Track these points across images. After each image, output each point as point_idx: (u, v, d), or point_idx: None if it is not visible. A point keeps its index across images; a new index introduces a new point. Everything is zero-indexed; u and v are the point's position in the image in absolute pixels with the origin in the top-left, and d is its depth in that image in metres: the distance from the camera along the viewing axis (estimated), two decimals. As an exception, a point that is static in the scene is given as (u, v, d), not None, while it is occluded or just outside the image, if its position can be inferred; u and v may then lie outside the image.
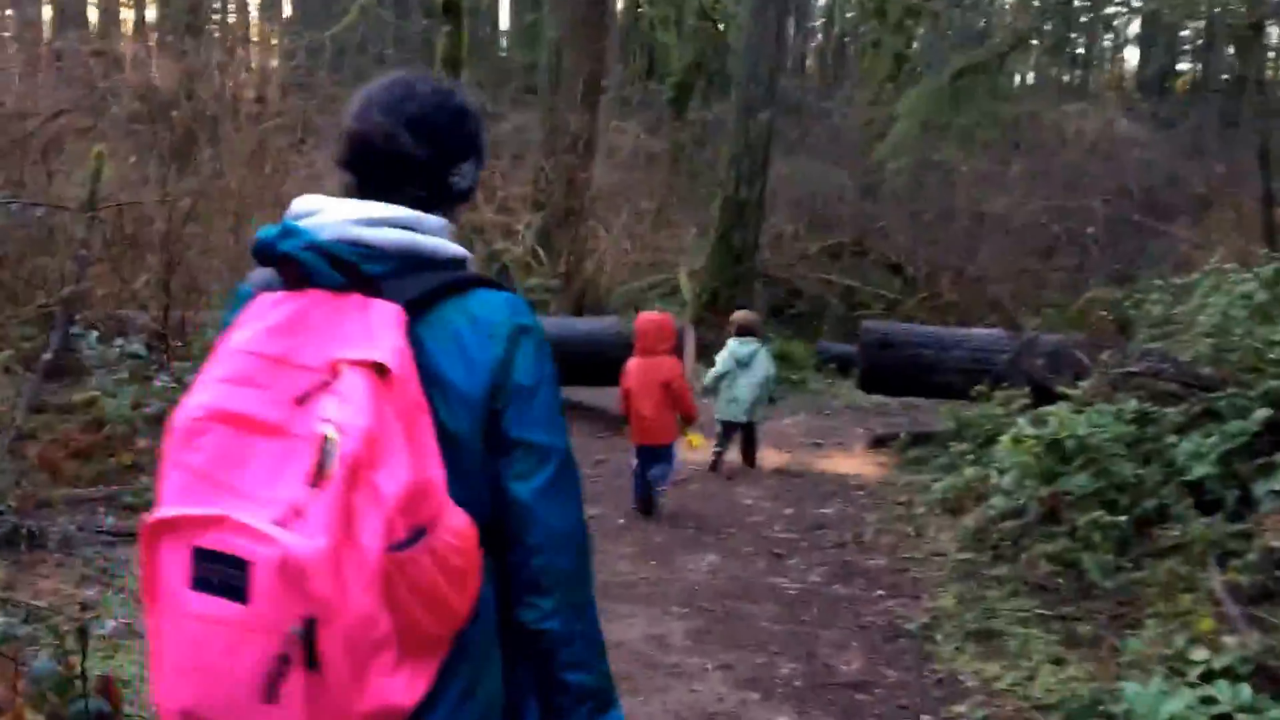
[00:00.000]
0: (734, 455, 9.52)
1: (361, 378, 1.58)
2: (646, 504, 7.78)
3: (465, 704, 1.75)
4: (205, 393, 1.62)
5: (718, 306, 14.50)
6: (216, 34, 21.46)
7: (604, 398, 11.37)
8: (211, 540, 1.51)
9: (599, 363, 10.48)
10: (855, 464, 9.85)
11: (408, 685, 1.59)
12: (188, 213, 9.58)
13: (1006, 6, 28.52)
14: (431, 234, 1.82)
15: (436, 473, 1.63)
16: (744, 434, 9.47)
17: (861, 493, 8.83)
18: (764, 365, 9.31)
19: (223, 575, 1.51)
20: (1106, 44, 37.72)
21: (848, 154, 20.96)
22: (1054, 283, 17.54)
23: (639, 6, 21.46)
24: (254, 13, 28.34)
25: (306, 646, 1.49)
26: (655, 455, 7.68)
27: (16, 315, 8.23)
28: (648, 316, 7.92)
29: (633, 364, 7.68)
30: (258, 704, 1.51)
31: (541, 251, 13.51)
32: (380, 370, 1.59)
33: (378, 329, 1.66)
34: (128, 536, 6.04)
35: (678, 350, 8.22)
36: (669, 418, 7.61)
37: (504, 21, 37.93)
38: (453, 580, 1.63)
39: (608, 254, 13.78)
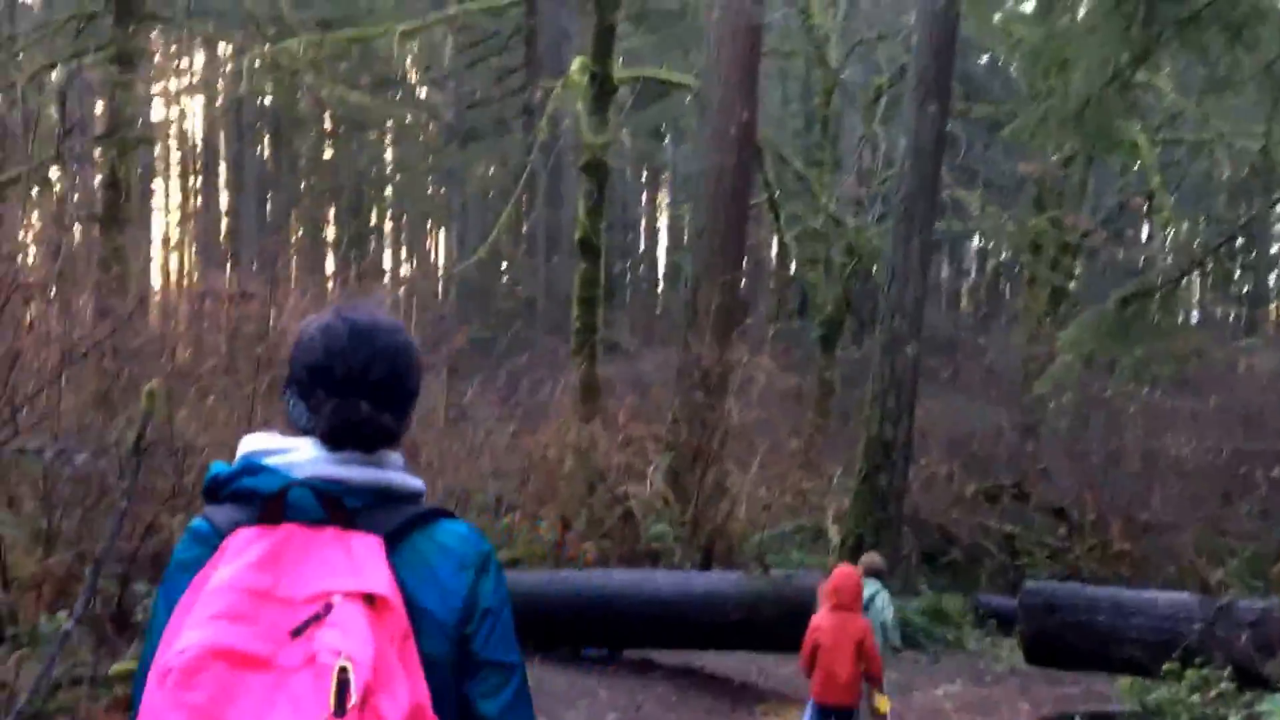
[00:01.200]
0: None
1: (357, 608, 1.66)
2: None
3: None
4: (199, 630, 1.65)
5: (862, 555, 12.95)
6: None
7: (723, 664, 9.87)
8: None
9: (719, 624, 9.08)
10: (1021, 753, 8.13)
11: None
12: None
13: (1166, 244, 27.05)
14: (395, 469, 1.91)
15: (425, 696, 1.71)
16: None
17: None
18: (881, 609, 8.12)
19: None
20: (1274, 281, 35.80)
21: (1004, 392, 19.46)
22: (1238, 532, 15.55)
23: (786, 244, 20.59)
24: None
25: None
26: (842, 716, 7.16)
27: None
28: (845, 571, 7.41)
29: (824, 619, 7.14)
30: None
31: (671, 495, 12.23)
32: (370, 600, 1.68)
33: (363, 560, 1.74)
34: None
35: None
36: (859, 678, 7.10)
37: (660, 262, 37.86)
38: None
39: (742, 498, 12.42)
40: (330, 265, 30.94)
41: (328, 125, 32.25)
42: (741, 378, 12.68)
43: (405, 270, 34.73)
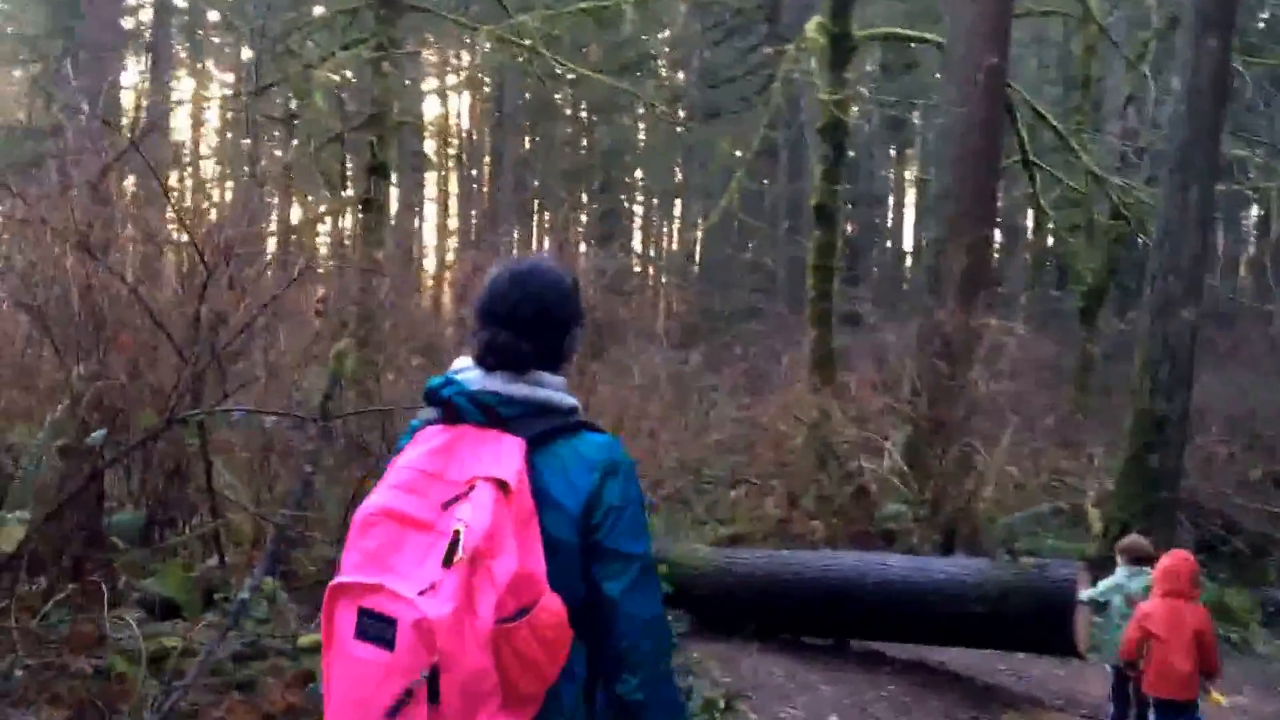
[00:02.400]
0: None
1: (490, 491, 2.10)
2: None
3: None
4: (380, 496, 2.18)
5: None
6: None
7: (964, 660, 8.53)
8: (372, 602, 2.04)
9: (959, 616, 7.77)
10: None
11: None
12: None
13: None
14: (552, 389, 2.34)
15: (539, 566, 2.11)
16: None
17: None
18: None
19: (377, 629, 2.01)
20: None
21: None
22: None
23: (1043, 209, 18.65)
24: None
25: (431, 687, 1.96)
26: (1179, 711, 6.46)
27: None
28: (1182, 555, 6.67)
29: (1156, 607, 6.48)
30: None
31: (909, 472, 10.89)
32: (503, 486, 2.11)
33: (505, 456, 2.17)
34: None
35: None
36: (1196, 671, 6.41)
37: (907, 237, 35.93)
38: (546, 649, 2.08)
39: (989, 476, 10.96)
40: (582, 246, 30.74)
41: (580, 111, 31.99)
42: (989, 346, 11.15)
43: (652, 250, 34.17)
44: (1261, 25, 27.64)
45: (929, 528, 10.12)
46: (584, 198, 32.92)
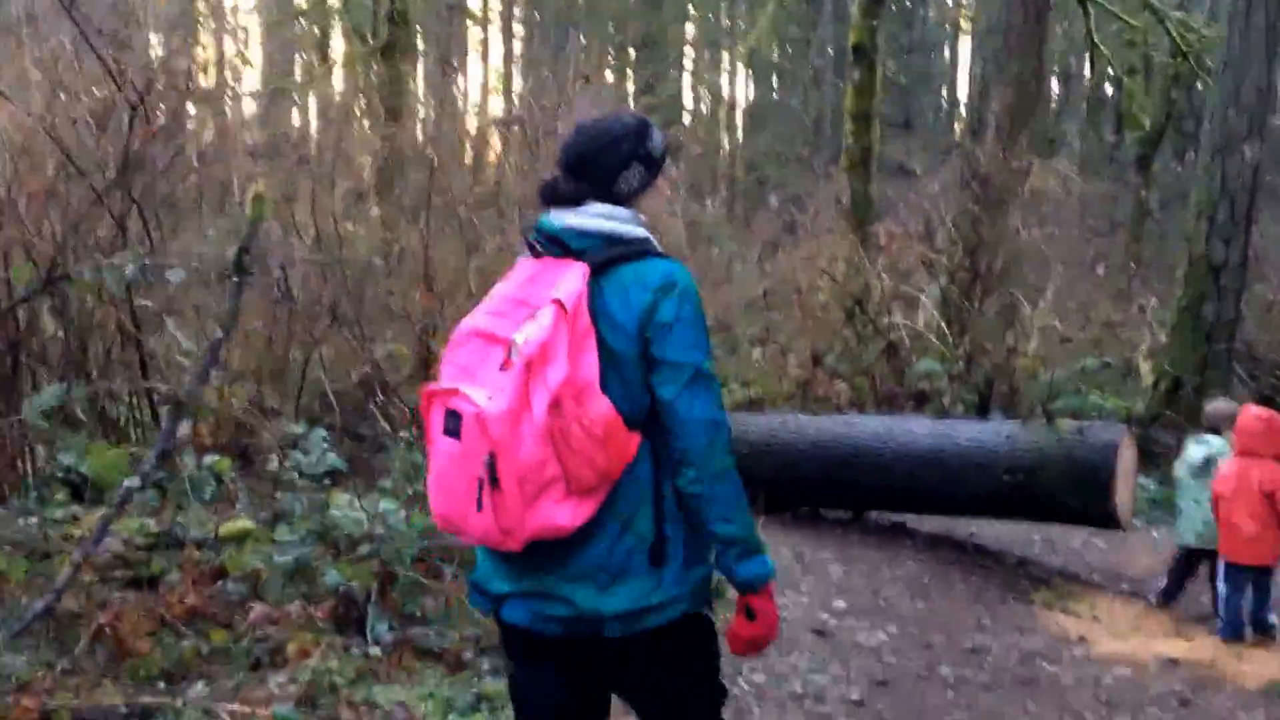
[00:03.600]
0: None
1: (552, 309, 2.33)
2: (1238, 631, 5.95)
3: (621, 536, 2.39)
4: (473, 318, 2.47)
5: (1180, 399, 10.21)
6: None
7: (995, 532, 7.66)
8: (452, 403, 2.33)
9: (987, 486, 6.87)
10: None
11: (571, 513, 2.32)
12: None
13: None
14: (621, 222, 2.52)
15: (591, 374, 2.34)
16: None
17: None
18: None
19: (453, 424, 2.31)
20: None
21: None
22: None
23: (1097, 47, 17.02)
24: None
25: (490, 472, 2.25)
26: (1249, 578, 5.94)
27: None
28: (1255, 412, 6.10)
29: (1228, 465, 6.05)
30: (473, 512, 2.30)
31: (944, 326, 9.85)
32: (562, 305, 2.34)
33: (569, 279, 2.40)
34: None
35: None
36: (1271, 535, 5.88)
37: (962, 77, 33.90)
38: (598, 445, 2.30)
39: (1029, 330, 9.90)
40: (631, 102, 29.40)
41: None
42: (1032, 190, 9.96)
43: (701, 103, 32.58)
44: None
45: (964, 387, 9.11)
46: (630, 51, 31.32)
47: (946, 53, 34.41)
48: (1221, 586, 6.09)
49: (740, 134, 26.92)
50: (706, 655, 2.57)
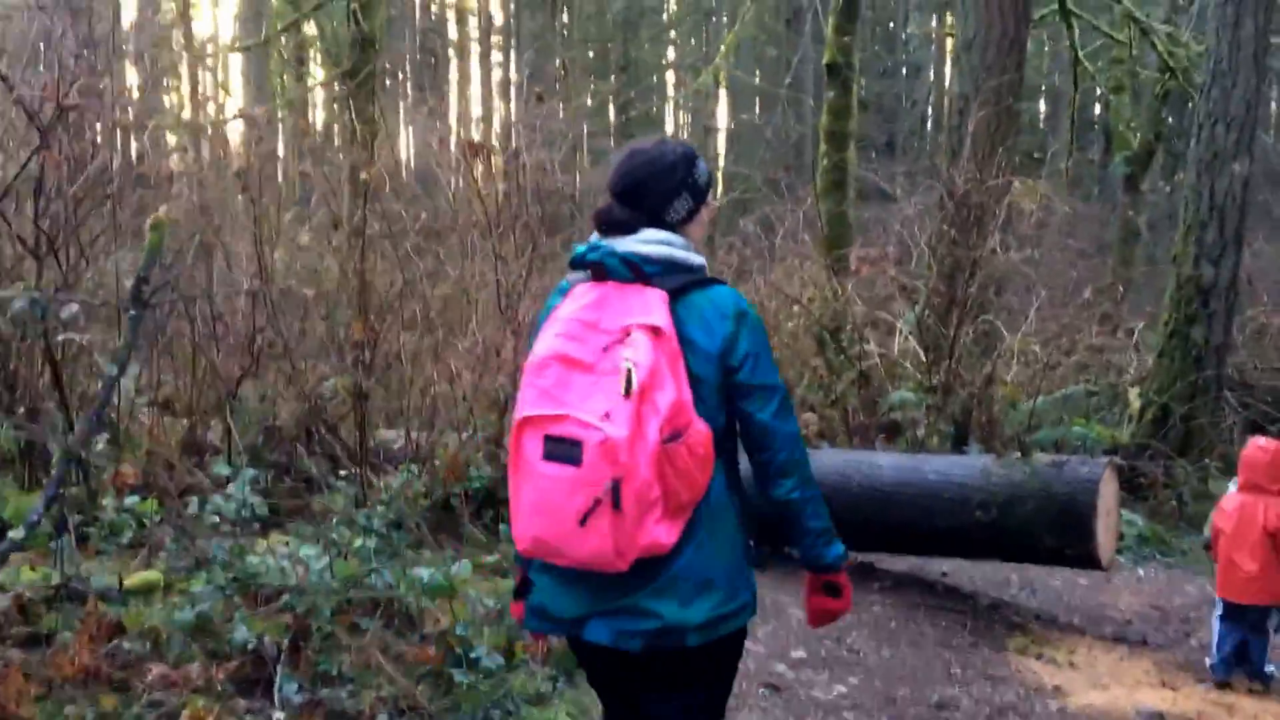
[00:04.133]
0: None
1: (645, 334, 2.47)
2: (1230, 673, 5.65)
3: (703, 547, 2.55)
4: (548, 343, 2.53)
5: (1168, 428, 9.79)
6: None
7: (970, 573, 7.24)
8: (558, 429, 2.42)
9: (957, 524, 6.45)
10: None
11: (667, 531, 2.46)
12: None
13: None
14: (680, 249, 2.66)
15: (689, 396, 2.50)
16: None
17: None
18: None
19: (563, 450, 2.40)
20: None
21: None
22: None
23: (1081, 63, 16.67)
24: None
25: (614, 496, 2.37)
26: (1248, 619, 5.60)
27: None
28: (1261, 443, 5.76)
29: (1229, 499, 5.75)
30: (575, 530, 2.40)
31: (921, 354, 9.43)
32: (655, 331, 2.48)
33: (653, 306, 2.53)
34: None
35: None
36: (1273, 575, 5.53)
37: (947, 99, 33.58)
38: (699, 464, 2.48)
39: (1009, 357, 9.49)
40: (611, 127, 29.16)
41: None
42: (1012, 210, 9.57)
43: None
44: None
45: (939, 418, 8.69)
46: (612, 79, 31.06)
47: (931, 74, 34.17)
48: (1217, 625, 5.75)
49: (720, 158, 26.62)
50: (739, 655, 2.84)
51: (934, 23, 33.11)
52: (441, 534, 6.45)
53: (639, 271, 2.58)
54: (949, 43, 32.30)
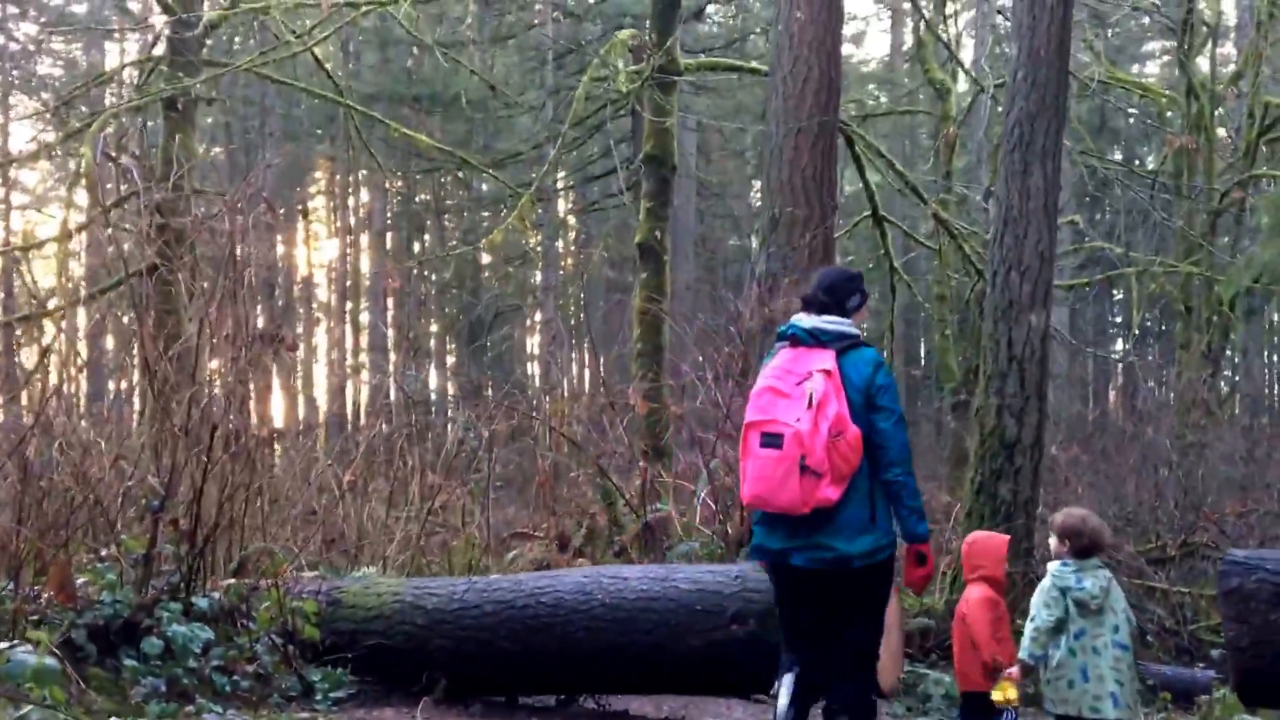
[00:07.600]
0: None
1: (821, 375, 4.35)
2: None
3: (853, 505, 4.33)
4: (765, 379, 4.47)
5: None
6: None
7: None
8: (769, 428, 4.30)
9: (714, 644, 5.27)
10: None
11: (834, 491, 4.27)
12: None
13: None
14: (848, 326, 4.58)
15: (846, 411, 4.32)
16: None
17: None
18: (1124, 609, 4.86)
19: (772, 439, 4.27)
20: None
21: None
22: None
23: (895, 270, 16.45)
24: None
25: (801, 467, 4.21)
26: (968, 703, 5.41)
27: None
28: (973, 535, 5.91)
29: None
30: (782, 491, 4.24)
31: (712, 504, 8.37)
32: (827, 372, 4.36)
33: (826, 358, 4.41)
34: None
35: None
36: (971, 660, 5.25)
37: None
38: (852, 451, 4.30)
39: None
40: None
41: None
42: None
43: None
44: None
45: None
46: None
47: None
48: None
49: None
50: (891, 579, 4.70)
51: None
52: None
53: (818, 339, 4.49)
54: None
